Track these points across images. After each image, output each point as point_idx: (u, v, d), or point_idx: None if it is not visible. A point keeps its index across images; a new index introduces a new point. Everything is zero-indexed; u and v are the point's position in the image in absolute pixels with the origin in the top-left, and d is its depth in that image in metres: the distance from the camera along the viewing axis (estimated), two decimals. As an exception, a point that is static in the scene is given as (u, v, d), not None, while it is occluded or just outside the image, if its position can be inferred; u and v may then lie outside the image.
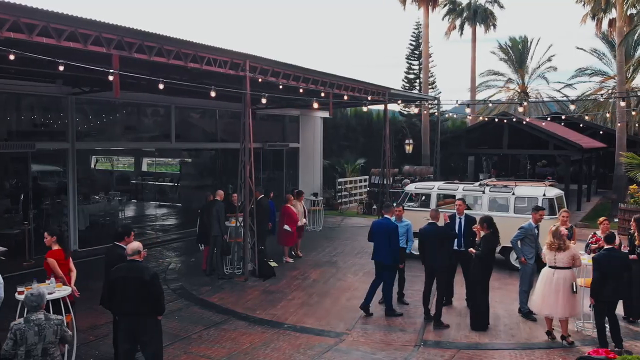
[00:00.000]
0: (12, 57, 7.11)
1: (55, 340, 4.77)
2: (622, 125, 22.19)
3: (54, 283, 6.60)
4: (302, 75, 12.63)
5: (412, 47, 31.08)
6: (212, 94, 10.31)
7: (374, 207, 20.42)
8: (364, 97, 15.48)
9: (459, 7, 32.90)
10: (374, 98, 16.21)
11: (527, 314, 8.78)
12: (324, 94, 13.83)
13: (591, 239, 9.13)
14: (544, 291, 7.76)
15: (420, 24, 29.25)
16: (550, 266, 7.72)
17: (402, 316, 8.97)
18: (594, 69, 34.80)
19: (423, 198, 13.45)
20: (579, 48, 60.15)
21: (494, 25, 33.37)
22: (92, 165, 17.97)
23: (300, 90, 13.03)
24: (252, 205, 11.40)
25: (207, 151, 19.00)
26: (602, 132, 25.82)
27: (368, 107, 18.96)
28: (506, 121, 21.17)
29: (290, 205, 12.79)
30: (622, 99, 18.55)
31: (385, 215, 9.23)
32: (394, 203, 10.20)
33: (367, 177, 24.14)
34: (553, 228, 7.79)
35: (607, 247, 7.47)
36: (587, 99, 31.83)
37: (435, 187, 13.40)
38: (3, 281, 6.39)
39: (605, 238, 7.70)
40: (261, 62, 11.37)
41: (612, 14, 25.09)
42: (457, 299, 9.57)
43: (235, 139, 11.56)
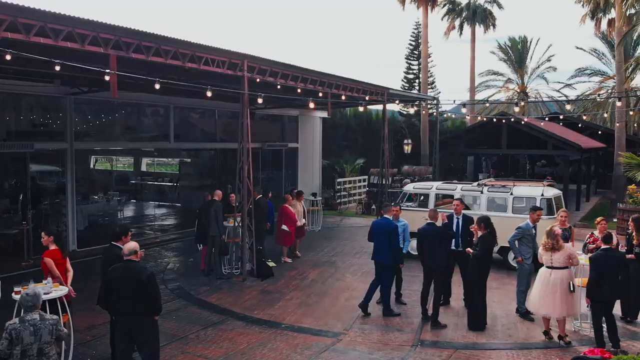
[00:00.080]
0: (8, 57, 7.11)
1: (51, 340, 4.78)
2: (621, 125, 22.20)
3: (51, 283, 6.60)
4: (301, 75, 12.62)
5: (411, 47, 31.06)
6: (209, 94, 10.32)
7: (373, 207, 20.42)
8: (362, 97, 15.49)
9: (458, 7, 32.94)
10: (372, 98, 16.21)
11: (525, 314, 8.79)
12: (322, 94, 13.83)
13: (589, 239, 9.12)
14: (541, 291, 7.77)
15: (419, 24, 29.25)
16: (547, 266, 7.73)
17: (400, 316, 8.97)
18: (593, 69, 34.84)
19: (421, 198, 13.46)
20: (578, 48, 60.41)
21: (493, 26, 33.43)
22: (91, 165, 17.94)
23: (298, 90, 13.01)
24: (250, 205, 11.40)
25: (207, 151, 18.99)
26: (601, 132, 25.82)
27: (367, 107, 18.98)
28: (505, 121, 21.16)
29: (288, 206, 12.78)
30: (619, 98, 18.54)
31: (385, 215, 9.25)
32: (392, 203, 10.20)
33: (366, 177, 24.14)
34: (548, 228, 7.80)
35: (605, 247, 7.48)
36: (586, 99, 31.84)
37: (434, 187, 13.40)
38: (0, 282, 6.39)
39: (602, 238, 7.71)
40: (259, 62, 11.35)
41: (611, 14, 25.11)
42: (454, 299, 9.59)
43: (234, 139, 11.56)
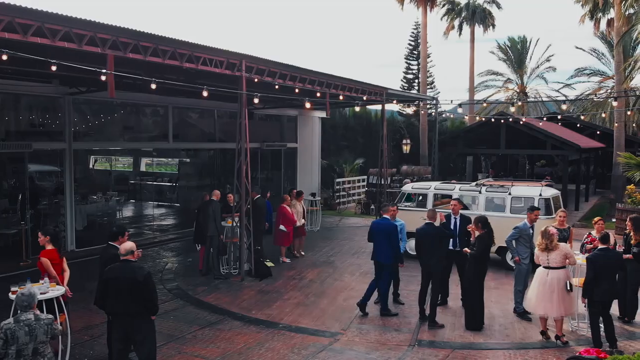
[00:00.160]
0: (4, 57, 7.11)
1: (47, 339, 4.78)
2: (620, 125, 22.20)
3: (48, 283, 6.60)
4: (299, 75, 12.61)
5: (410, 47, 31.10)
6: (205, 94, 10.30)
7: (372, 207, 20.42)
8: (360, 98, 15.48)
9: (458, 7, 32.92)
10: (371, 98, 16.20)
11: (522, 314, 8.79)
12: (320, 94, 13.81)
13: (586, 239, 9.12)
14: (538, 291, 7.76)
15: (418, 24, 29.29)
16: (544, 266, 7.73)
17: (397, 316, 8.97)
18: (593, 69, 34.81)
19: (420, 198, 13.46)
20: (578, 48, 60.49)
21: (492, 26, 33.40)
22: (90, 165, 17.97)
23: (296, 90, 13.01)
24: (248, 206, 11.40)
25: (206, 151, 19.00)
26: (600, 132, 25.82)
27: (367, 107, 18.97)
28: (504, 121, 21.16)
29: (285, 206, 12.76)
30: (615, 98, 18.55)
31: (384, 215, 9.25)
32: (391, 203, 10.21)
33: (365, 177, 24.14)
34: (543, 228, 7.81)
35: (602, 247, 7.48)
36: (584, 99, 31.84)
37: (432, 187, 13.41)
38: None
39: (600, 238, 7.70)
40: (257, 62, 11.35)
41: (610, 13, 25.11)
42: (452, 298, 9.59)
43: (233, 139, 11.57)
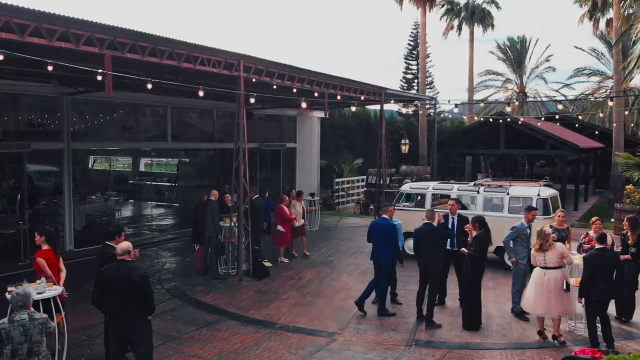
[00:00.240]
0: (1, 57, 7.11)
1: (41, 339, 4.79)
2: (619, 125, 22.19)
3: (45, 283, 6.60)
4: (297, 75, 12.61)
5: (410, 47, 31.13)
6: (201, 94, 10.31)
7: (371, 207, 20.43)
8: (359, 98, 15.48)
9: (457, 7, 32.93)
10: (368, 98, 16.19)
11: (520, 314, 8.79)
12: (318, 94, 13.81)
13: (584, 239, 9.12)
14: (536, 291, 7.76)
15: (418, 24, 29.31)
16: (541, 267, 7.73)
17: (395, 316, 8.97)
18: (592, 69, 34.84)
19: (418, 198, 13.47)
20: (577, 48, 60.50)
21: (491, 26, 33.41)
22: (89, 165, 17.97)
23: (294, 90, 13.00)
24: (246, 205, 11.40)
25: (205, 151, 18.99)
26: (598, 132, 25.81)
27: (366, 107, 18.98)
28: (502, 121, 21.16)
29: (283, 206, 12.76)
30: (611, 98, 18.55)
31: (383, 215, 9.25)
32: (390, 203, 10.21)
33: (364, 177, 24.14)
34: (538, 229, 7.81)
35: (599, 246, 7.48)
36: (584, 99, 31.82)
37: (430, 187, 13.41)
38: None
39: (597, 238, 7.72)
40: (255, 62, 11.35)
41: (609, 13, 25.09)
42: (449, 298, 9.59)
43: (232, 139, 11.58)
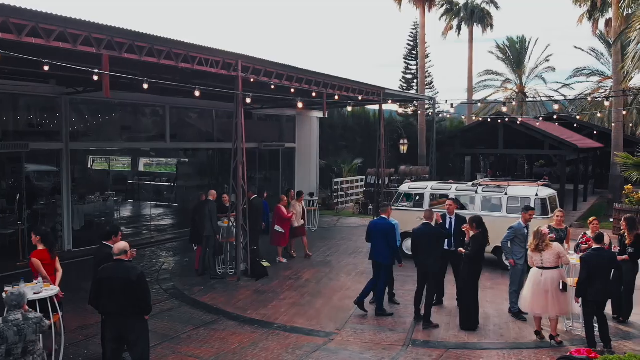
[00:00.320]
0: (-1, 57, 7.12)
1: (36, 338, 4.79)
2: (618, 125, 22.18)
3: (41, 283, 6.60)
4: (296, 75, 12.61)
5: (409, 48, 31.11)
6: (197, 94, 10.30)
7: (370, 207, 20.43)
8: (357, 98, 15.47)
9: (456, 7, 32.95)
10: (367, 98, 16.18)
11: (517, 314, 8.80)
12: (316, 94, 13.81)
13: (581, 239, 9.13)
14: (533, 291, 7.77)
15: (417, 25, 29.29)
16: (538, 267, 7.73)
17: (392, 316, 8.98)
18: (591, 69, 34.83)
19: (417, 198, 13.47)
20: (576, 48, 60.44)
21: (491, 26, 33.43)
22: (88, 165, 17.98)
23: (292, 90, 13.00)
24: (245, 206, 11.40)
25: (204, 151, 19.00)
26: (597, 132, 25.79)
27: (365, 107, 18.97)
28: (501, 121, 21.17)
29: (281, 206, 12.76)
30: (607, 98, 18.54)
31: (382, 215, 9.26)
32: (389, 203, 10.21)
33: (363, 177, 24.14)
34: (535, 229, 7.81)
35: (596, 246, 7.49)
36: (582, 99, 31.81)
37: (429, 187, 13.41)
38: None
39: (594, 238, 7.72)
40: (253, 62, 11.35)
41: (608, 14, 25.07)
42: (447, 298, 9.59)
43: (231, 139, 11.59)
